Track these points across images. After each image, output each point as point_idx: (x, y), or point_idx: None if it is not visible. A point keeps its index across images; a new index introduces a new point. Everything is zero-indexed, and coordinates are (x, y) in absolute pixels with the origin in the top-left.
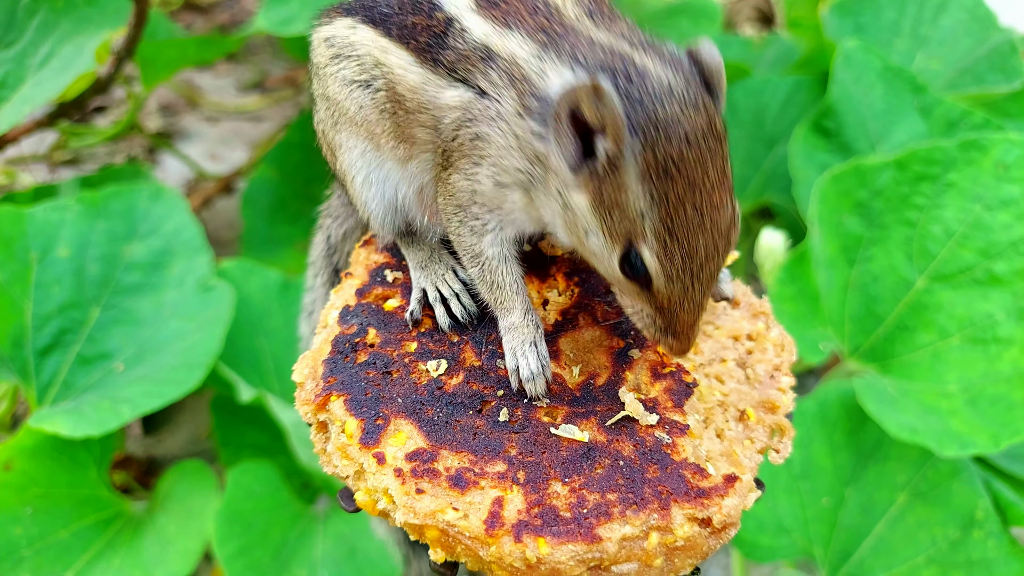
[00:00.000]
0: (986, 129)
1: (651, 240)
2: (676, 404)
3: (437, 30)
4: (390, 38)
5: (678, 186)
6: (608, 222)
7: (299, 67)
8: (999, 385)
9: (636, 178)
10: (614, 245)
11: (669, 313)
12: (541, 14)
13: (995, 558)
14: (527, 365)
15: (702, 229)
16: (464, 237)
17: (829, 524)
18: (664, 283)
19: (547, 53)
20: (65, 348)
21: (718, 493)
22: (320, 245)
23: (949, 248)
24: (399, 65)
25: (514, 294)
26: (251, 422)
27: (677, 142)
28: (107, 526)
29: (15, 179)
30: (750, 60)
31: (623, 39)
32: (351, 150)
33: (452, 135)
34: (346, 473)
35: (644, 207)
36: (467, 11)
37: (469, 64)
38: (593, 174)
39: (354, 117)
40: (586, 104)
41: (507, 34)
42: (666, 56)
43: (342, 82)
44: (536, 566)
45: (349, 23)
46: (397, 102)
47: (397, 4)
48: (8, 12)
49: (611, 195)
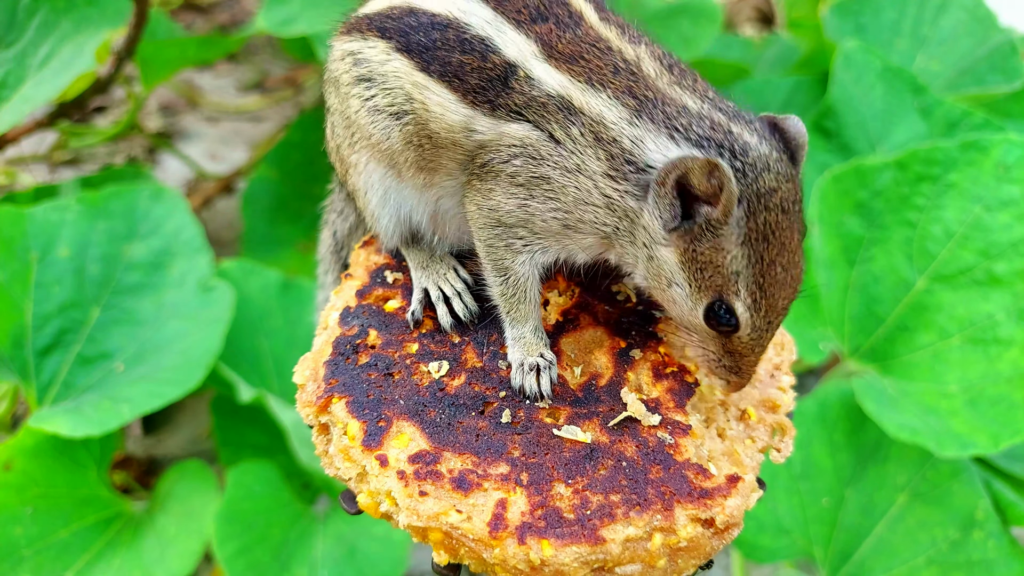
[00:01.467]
0: (986, 130)
1: (744, 296)
2: (678, 404)
3: (493, 73)
4: (428, 74)
5: (772, 249)
6: (697, 276)
7: (299, 67)
8: (999, 385)
9: (736, 242)
10: (701, 297)
11: (739, 356)
12: (624, 74)
13: (995, 558)
14: (533, 379)
15: (785, 284)
16: (497, 251)
17: (829, 525)
18: (748, 332)
19: (640, 120)
20: (65, 348)
21: (721, 493)
22: (327, 241)
23: (949, 249)
24: (438, 103)
25: (531, 310)
26: (251, 422)
27: (774, 211)
28: (107, 526)
29: (15, 179)
30: (750, 60)
31: (716, 108)
32: (369, 172)
33: (506, 158)
34: (348, 475)
35: (740, 267)
36: (532, 58)
37: (543, 111)
38: (686, 233)
39: (378, 144)
40: (696, 176)
41: (592, 93)
42: (756, 128)
43: (370, 109)
44: (540, 568)
45: (383, 49)
46: (428, 137)
47: (440, 38)
48: (8, 12)
49: (704, 254)
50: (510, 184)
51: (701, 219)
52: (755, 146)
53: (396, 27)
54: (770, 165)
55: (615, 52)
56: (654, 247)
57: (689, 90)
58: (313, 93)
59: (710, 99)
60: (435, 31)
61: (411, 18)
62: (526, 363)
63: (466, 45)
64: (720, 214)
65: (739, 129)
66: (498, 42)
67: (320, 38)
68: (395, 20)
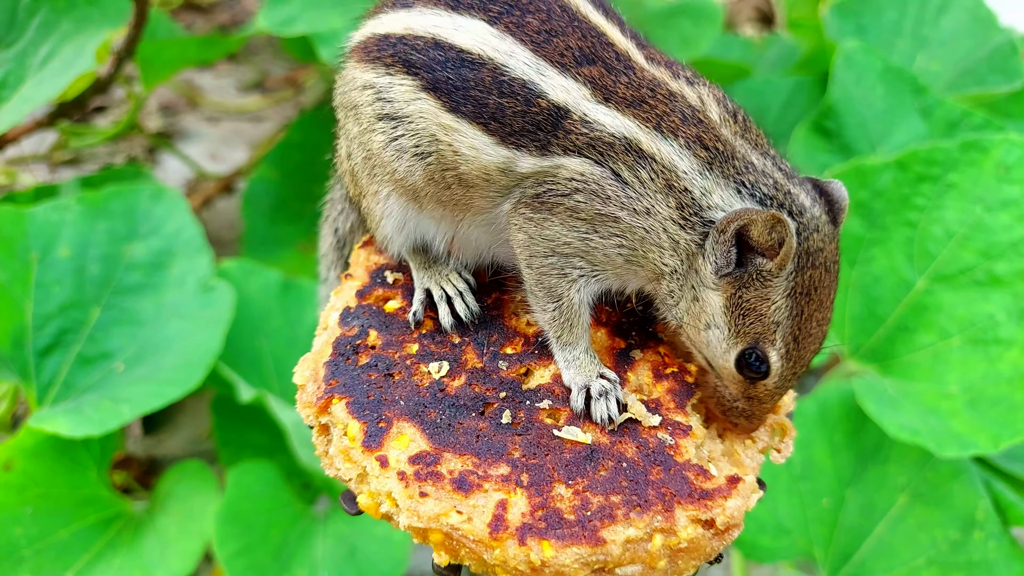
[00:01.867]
0: (987, 130)
1: (779, 345)
2: (678, 405)
3: (540, 117)
4: (458, 115)
5: (812, 304)
6: (738, 322)
7: (299, 67)
8: (1000, 386)
9: (782, 294)
10: (736, 343)
11: (757, 402)
12: (692, 122)
13: (995, 559)
14: (603, 406)
15: (816, 338)
16: (550, 278)
17: (829, 525)
18: (775, 381)
19: (711, 172)
20: (65, 348)
21: (721, 494)
22: (328, 238)
23: (950, 249)
24: (470, 146)
25: (582, 332)
26: (251, 422)
27: (819, 268)
28: (107, 526)
29: (15, 179)
30: (750, 60)
31: (776, 168)
32: (390, 203)
33: (566, 192)
34: (348, 476)
35: (782, 318)
36: (585, 101)
37: (609, 150)
38: (735, 280)
39: (402, 180)
40: (758, 228)
41: (661, 139)
42: (808, 190)
43: (394, 148)
44: (540, 569)
45: (409, 87)
46: (456, 178)
47: (473, 79)
48: (8, 12)
49: (750, 301)
50: (571, 217)
51: (753, 268)
52: (809, 208)
53: (422, 61)
54: (819, 227)
55: (678, 97)
56: (701, 289)
57: (752, 144)
58: (313, 93)
59: (771, 156)
60: (466, 69)
61: (437, 52)
62: (592, 388)
63: (505, 88)
64: (775, 266)
65: (796, 191)
66: (543, 86)
67: (321, 38)
68: (420, 53)
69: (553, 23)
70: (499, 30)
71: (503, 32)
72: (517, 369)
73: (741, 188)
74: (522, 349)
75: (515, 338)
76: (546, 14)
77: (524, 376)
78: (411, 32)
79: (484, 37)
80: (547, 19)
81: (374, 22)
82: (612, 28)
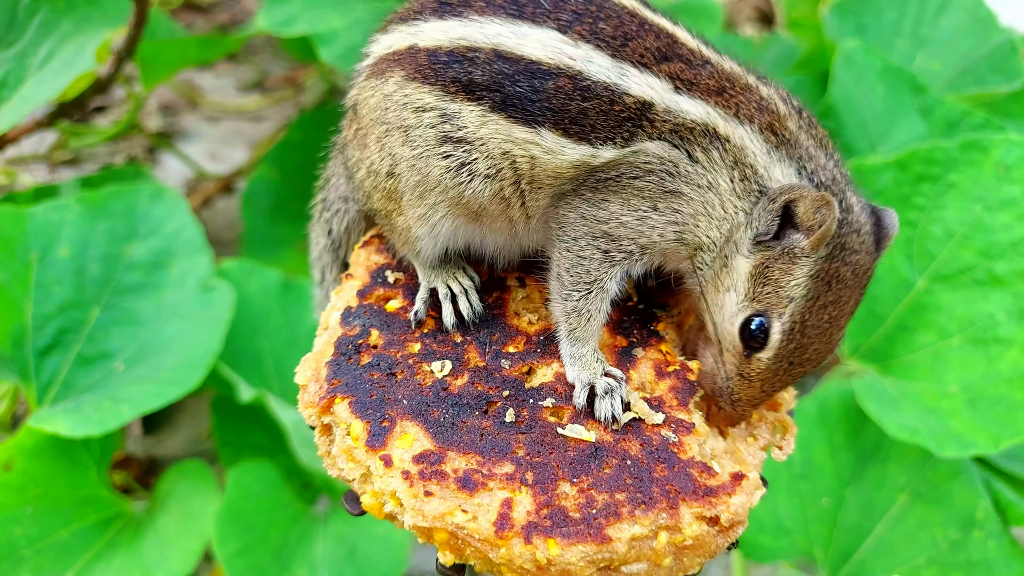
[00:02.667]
0: (987, 130)
1: (786, 320)
2: (681, 402)
3: (624, 115)
4: (533, 125)
5: (830, 294)
6: (756, 290)
7: (299, 67)
8: (999, 386)
9: (806, 274)
10: (746, 307)
11: (747, 383)
12: (765, 112)
13: (995, 559)
14: (608, 404)
15: (822, 336)
16: (591, 262)
17: (829, 525)
18: (769, 357)
19: (777, 153)
20: (65, 348)
21: (725, 491)
22: (321, 240)
23: (950, 249)
24: (547, 150)
25: (595, 329)
26: (251, 422)
27: (848, 266)
28: (107, 526)
29: (15, 179)
30: (750, 60)
31: (837, 168)
32: (438, 222)
33: (638, 174)
34: (352, 476)
35: (797, 295)
36: (670, 94)
37: (689, 134)
38: (768, 250)
39: (466, 203)
40: (805, 205)
41: (737, 124)
42: (863, 202)
43: (468, 173)
44: (546, 567)
45: (477, 110)
46: (530, 182)
47: (552, 88)
48: (8, 12)
49: (774, 272)
50: (634, 196)
51: (788, 243)
52: (857, 211)
53: (487, 81)
54: (860, 232)
55: (752, 89)
56: (734, 256)
57: (817, 141)
58: (313, 93)
59: (833, 158)
60: (539, 80)
61: (502, 64)
62: (597, 386)
63: (587, 92)
64: (810, 245)
65: (851, 193)
66: (627, 87)
67: (321, 38)
68: (482, 68)
69: (627, 28)
70: (572, 38)
71: (577, 40)
72: (520, 367)
73: (801, 171)
74: (524, 347)
75: (517, 337)
76: (617, 20)
77: (527, 374)
78: (465, 43)
79: (557, 46)
80: (620, 25)
81: (411, 30)
82: (681, 30)
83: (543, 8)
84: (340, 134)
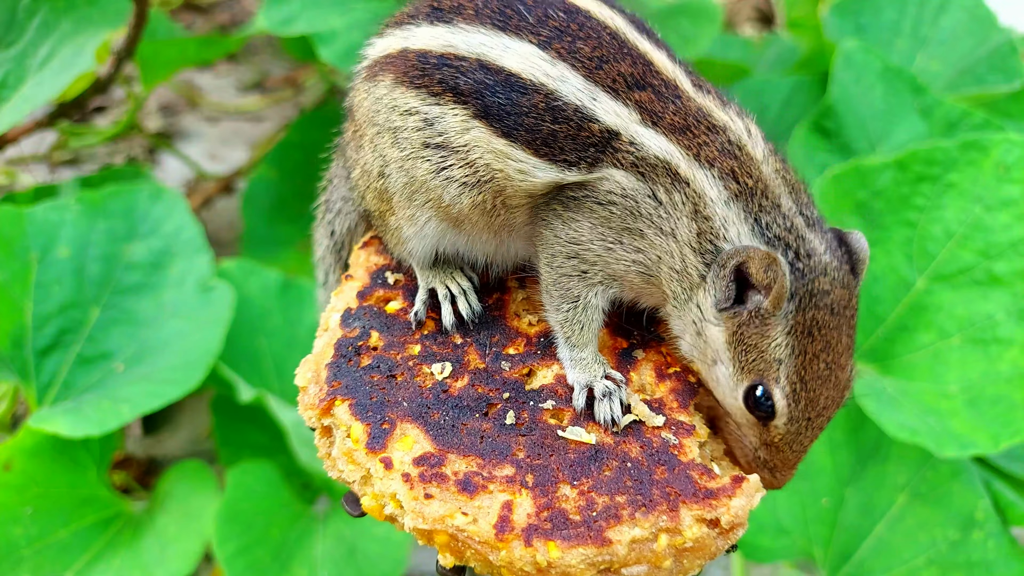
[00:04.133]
0: (986, 130)
1: (784, 384)
2: (681, 404)
3: (590, 140)
4: (509, 140)
5: (816, 344)
6: (741, 358)
7: (299, 67)
8: (999, 385)
9: (782, 331)
10: (742, 379)
11: (775, 450)
12: (730, 155)
13: (995, 559)
14: (607, 406)
15: (827, 383)
16: (570, 280)
17: (829, 525)
18: (785, 422)
19: (736, 205)
20: (65, 348)
21: (726, 494)
22: (324, 241)
23: (949, 249)
24: (519, 169)
25: (592, 335)
26: (251, 422)
27: (823, 310)
28: (107, 526)
29: (15, 179)
30: (750, 60)
31: (799, 213)
32: (426, 227)
33: (604, 201)
34: (352, 478)
35: (783, 355)
36: (635, 125)
37: (652, 171)
38: (736, 316)
39: (447, 208)
40: (755, 266)
41: (698, 167)
42: (827, 239)
43: (445, 178)
44: (547, 570)
45: (461, 116)
46: (503, 201)
47: (526, 104)
48: (8, 12)
49: (751, 338)
50: (600, 224)
51: (752, 306)
52: (820, 253)
53: (471, 86)
54: (827, 271)
55: (720, 129)
56: (703, 324)
57: (787, 185)
58: (313, 93)
59: (800, 201)
60: (517, 94)
61: (484, 74)
62: (596, 388)
63: (559, 114)
64: (770, 304)
65: (812, 236)
66: (596, 112)
67: (321, 38)
68: (467, 76)
69: (604, 50)
70: (551, 55)
71: (555, 58)
72: (520, 370)
73: (755, 226)
74: (524, 350)
75: (517, 339)
76: (596, 41)
77: (527, 377)
78: (453, 51)
79: (535, 62)
80: (598, 46)
81: (404, 34)
82: (660, 55)
83: (527, 22)
84: (342, 136)
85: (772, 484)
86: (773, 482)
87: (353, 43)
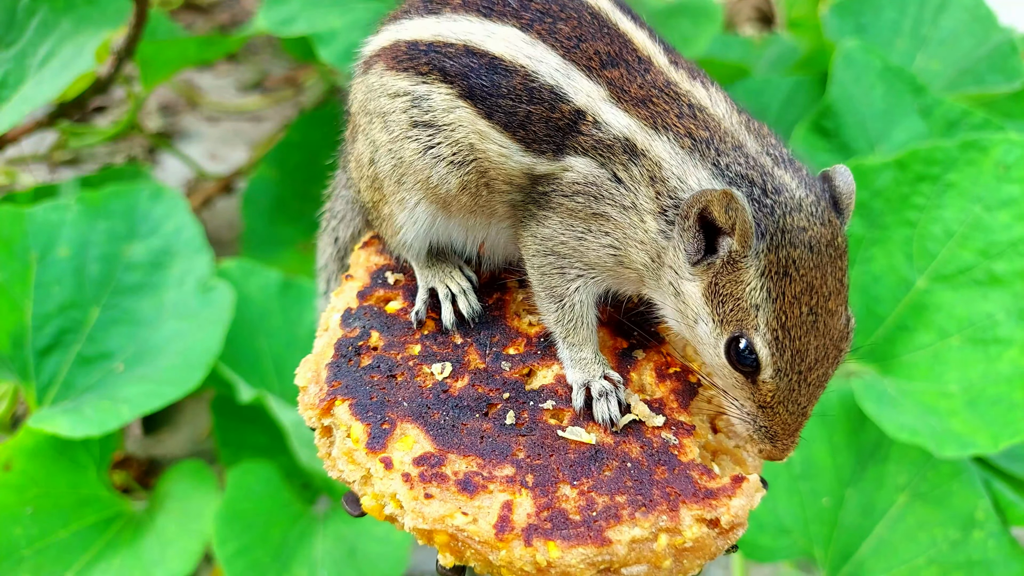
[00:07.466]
0: (986, 129)
1: (764, 331)
2: (681, 405)
3: (561, 123)
4: (491, 121)
5: (796, 286)
6: (719, 311)
7: (299, 67)
8: (999, 385)
9: (755, 274)
10: (722, 332)
11: (771, 412)
12: (687, 118)
13: (995, 559)
14: (604, 406)
15: (815, 331)
16: (552, 278)
17: (829, 524)
18: (771, 374)
19: (691, 159)
20: (65, 348)
21: (725, 494)
22: (328, 248)
23: (949, 248)
24: (499, 153)
25: (589, 334)
26: (251, 422)
27: (800, 247)
28: (107, 526)
29: (15, 179)
30: (750, 60)
31: (765, 152)
32: (416, 210)
33: (568, 193)
34: (352, 478)
35: (760, 300)
36: (601, 103)
37: (609, 152)
38: (710, 267)
39: (435, 188)
40: (716, 208)
41: (655, 135)
42: (802, 175)
43: (432, 157)
44: (546, 570)
45: (447, 95)
46: (486, 184)
47: (505, 85)
48: (8, 12)
49: (726, 287)
50: (570, 217)
51: (724, 252)
52: (791, 188)
53: (457, 69)
54: (803, 206)
55: (683, 95)
56: (680, 283)
57: (753, 132)
58: (313, 93)
59: (768, 144)
60: (498, 76)
61: (470, 58)
62: (593, 388)
63: (535, 95)
64: (738, 244)
65: (781, 172)
66: (568, 91)
67: (321, 38)
68: (454, 60)
69: (583, 29)
70: (531, 36)
71: (535, 39)
72: (520, 370)
73: (713, 169)
74: (524, 350)
75: (517, 339)
76: (577, 20)
77: (527, 377)
78: (441, 39)
79: (517, 44)
80: (578, 25)
81: (396, 27)
82: (639, 33)
83: (511, 7)
84: (343, 144)
85: (773, 455)
86: (774, 452)
87: (353, 43)
